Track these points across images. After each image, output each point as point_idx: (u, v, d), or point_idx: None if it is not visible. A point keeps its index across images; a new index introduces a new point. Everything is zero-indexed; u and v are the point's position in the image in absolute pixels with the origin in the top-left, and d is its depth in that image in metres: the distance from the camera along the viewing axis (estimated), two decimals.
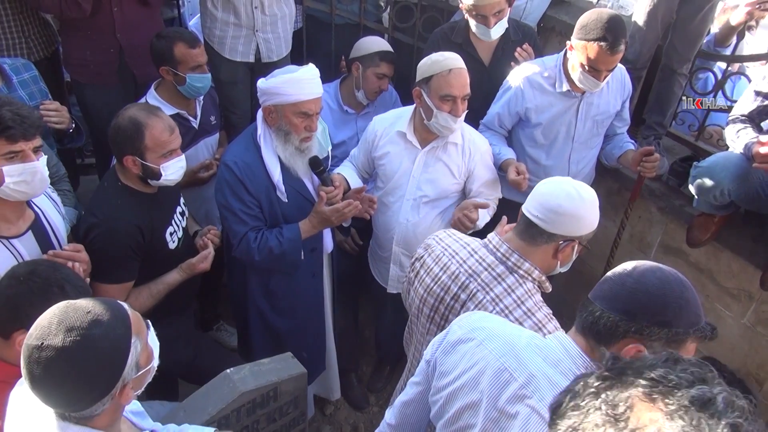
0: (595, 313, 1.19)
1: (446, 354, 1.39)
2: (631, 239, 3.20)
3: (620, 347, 1.18)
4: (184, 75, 2.61)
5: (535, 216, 1.63)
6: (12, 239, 1.83)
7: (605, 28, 2.35)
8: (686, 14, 2.90)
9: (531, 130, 2.77)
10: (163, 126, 2.10)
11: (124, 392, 1.21)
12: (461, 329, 1.40)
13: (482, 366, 1.29)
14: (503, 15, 2.77)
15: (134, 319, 1.24)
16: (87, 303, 1.20)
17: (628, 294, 1.17)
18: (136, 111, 2.09)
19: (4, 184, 1.74)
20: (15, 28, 2.83)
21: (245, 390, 2.01)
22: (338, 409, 3.28)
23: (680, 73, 3.03)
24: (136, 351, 1.20)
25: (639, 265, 1.22)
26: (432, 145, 2.45)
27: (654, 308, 1.15)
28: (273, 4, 3.01)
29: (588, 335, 1.22)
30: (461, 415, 1.32)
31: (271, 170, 2.28)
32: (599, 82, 2.50)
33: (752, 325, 2.84)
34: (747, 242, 2.78)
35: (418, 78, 2.34)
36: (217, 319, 3.53)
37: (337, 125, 3.07)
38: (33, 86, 2.55)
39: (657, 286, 1.16)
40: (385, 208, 2.59)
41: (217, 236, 2.47)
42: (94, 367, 1.14)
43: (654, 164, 2.61)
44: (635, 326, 1.15)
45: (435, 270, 1.80)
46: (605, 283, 1.22)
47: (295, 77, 2.19)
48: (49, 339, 1.12)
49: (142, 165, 2.09)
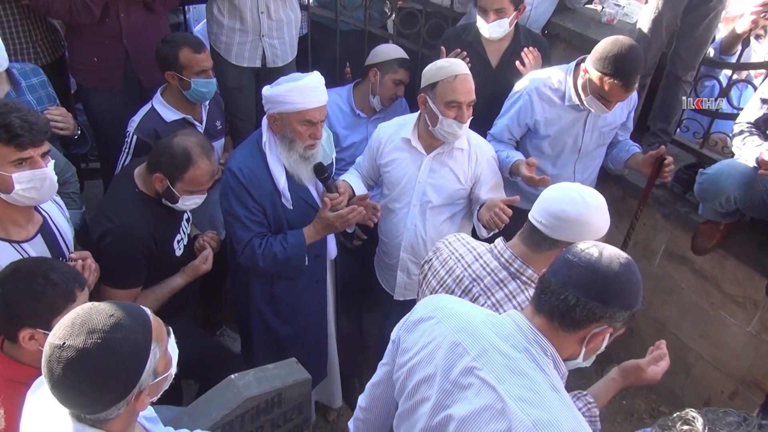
0: (570, 301, 1.24)
1: (408, 332, 1.46)
2: (636, 246, 3.20)
3: (589, 330, 1.26)
4: (189, 80, 2.62)
5: (539, 222, 1.63)
6: (23, 243, 1.85)
7: (623, 67, 2.33)
8: (691, 22, 2.91)
9: (539, 142, 2.77)
10: (208, 170, 2.18)
11: (140, 398, 1.21)
12: (424, 309, 1.46)
13: (439, 341, 1.36)
14: (504, 15, 2.78)
15: (155, 325, 1.24)
16: (110, 306, 1.20)
17: (604, 283, 1.23)
18: (194, 144, 2.16)
19: (15, 190, 1.76)
20: (23, 33, 2.85)
21: (249, 395, 2.01)
22: (341, 416, 3.27)
23: (685, 81, 3.04)
24: (155, 357, 1.21)
25: (602, 250, 1.28)
26: (437, 150, 2.45)
27: (624, 294, 1.24)
28: (279, 9, 3.03)
29: (554, 318, 1.27)
30: (418, 388, 1.37)
31: (276, 177, 2.29)
32: (608, 110, 2.52)
33: (757, 333, 2.83)
34: (752, 250, 2.78)
35: (423, 84, 2.34)
36: (220, 325, 3.53)
37: (348, 128, 3.09)
38: (41, 91, 2.57)
39: (625, 273, 1.24)
40: (391, 214, 2.58)
41: (215, 240, 2.50)
42: (112, 371, 1.15)
43: (672, 168, 2.61)
44: (609, 311, 1.23)
45: (441, 273, 1.81)
46: (573, 269, 1.26)
47: (299, 85, 2.19)
48: (71, 339, 1.14)
49: (167, 188, 2.16)
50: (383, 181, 2.61)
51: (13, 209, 1.81)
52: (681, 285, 3.07)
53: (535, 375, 1.24)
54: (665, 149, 2.62)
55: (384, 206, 2.59)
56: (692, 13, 2.89)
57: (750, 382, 2.89)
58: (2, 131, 1.69)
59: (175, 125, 2.70)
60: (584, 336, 1.27)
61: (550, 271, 1.31)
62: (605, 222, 1.65)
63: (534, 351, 1.27)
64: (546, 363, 1.26)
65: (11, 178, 1.74)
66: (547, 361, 1.27)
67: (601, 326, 1.25)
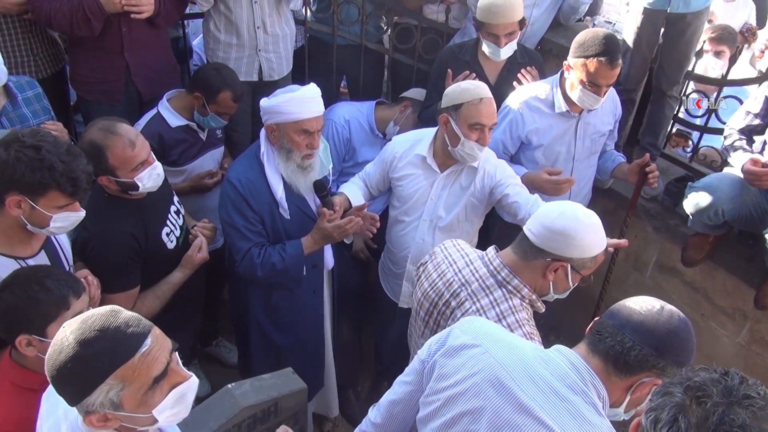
0: (626, 343, 1.24)
1: (448, 357, 1.40)
2: (627, 258, 3.24)
3: (638, 378, 1.26)
4: (210, 112, 2.70)
5: (529, 230, 1.68)
6: (27, 259, 1.87)
7: (603, 43, 2.42)
8: (671, 37, 2.98)
9: (532, 153, 2.81)
10: (123, 143, 2.05)
11: (92, 417, 1.19)
12: (465, 334, 1.42)
13: (487, 374, 1.31)
14: (514, 37, 2.83)
15: (134, 365, 1.17)
16: (109, 322, 1.18)
17: (663, 333, 1.24)
18: (95, 133, 2.07)
19: (48, 228, 1.80)
20: (24, 46, 2.88)
21: (246, 405, 2.02)
22: (336, 426, 3.27)
23: (670, 96, 3.10)
24: (108, 391, 1.17)
25: (663, 305, 1.29)
26: (451, 169, 2.47)
27: (679, 350, 1.26)
28: (275, 24, 3.08)
29: (609, 361, 1.27)
30: (460, 419, 1.34)
31: (274, 187, 2.32)
32: (600, 98, 2.53)
33: (747, 343, 2.87)
34: (741, 261, 2.83)
35: (446, 104, 2.35)
36: (216, 335, 3.54)
37: (365, 144, 3.13)
38: (36, 104, 2.59)
39: (683, 330, 1.26)
40: (401, 225, 2.61)
41: (207, 228, 2.47)
42: (64, 376, 1.17)
43: (656, 174, 2.66)
44: (662, 362, 1.25)
45: (433, 276, 1.86)
46: (633, 315, 1.27)
47: (296, 96, 2.24)
48: (67, 326, 1.20)
49: (116, 182, 2.10)
50: (394, 193, 2.63)
51: (22, 229, 1.82)
52: (672, 296, 3.11)
53: (595, 419, 1.23)
54: (649, 157, 2.67)
55: (394, 217, 2.62)
56: (671, 28, 2.95)
57: None
58: (68, 184, 1.73)
59: (179, 131, 2.75)
60: (632, 384, 1.28)
61: (608, 315, 1.31)
62: (596, 243, 1.65)
63: (591, 393, 1.26)
64: (600, 407, 1.26)
65: (51, 218, 1.77)
66: (600, 404, 1.26)
67: (650, 377, 1.26)
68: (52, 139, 1.76)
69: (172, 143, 2.73)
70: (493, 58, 2.88)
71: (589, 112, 2.72)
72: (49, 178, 1.70)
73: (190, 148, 2.82)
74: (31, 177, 1.69)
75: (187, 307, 2.43)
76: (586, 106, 2.61)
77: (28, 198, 1.72)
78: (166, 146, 2.71)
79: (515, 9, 2.76)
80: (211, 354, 3.52)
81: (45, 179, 1.70)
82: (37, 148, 1.70)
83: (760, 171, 2.34)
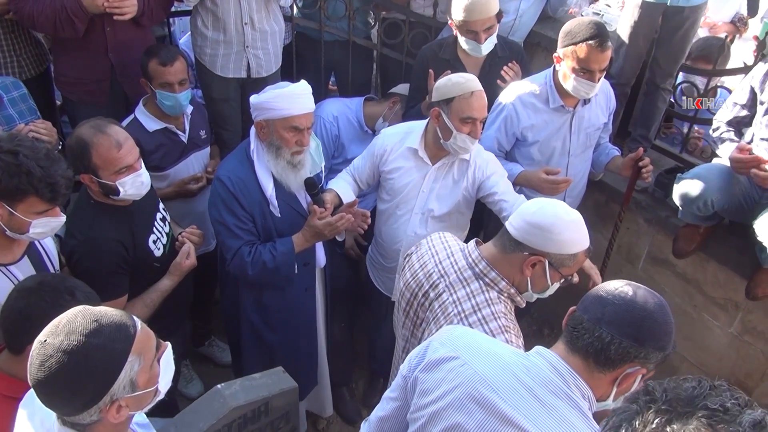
0: (605, 338, 1.21)
1: (428, 372, 1.37)
2: (619, 250, 3.24)
3: (622, 370, 1.24)
4: (155, 90, 2.64)
5: (510, 224, 1.68)
6: (9, 266, 1.84)
7: (590, 28, 2.42)
8: (667, 31, 2.96)
9: (527, 149, 2.80)
10: (110, 143, 2.02)
11: (114, 409, 1.20)
12: (443, 347, 1.38)
13: (467, 388, 1.29)
14: (493, 31, 2.81)
15: (141, 338, 1.23)
16: (99, 312, 1.21)
17: (639, 321, 1.21)
18: (85, 129, 2.05)
19: (28, 234, 1.78)
20: (6, 47, 2.85)
21: (236, 405, 2.01)
22: (331, 424, 3.27)
23: (664, 88, 3.10)
24: (132, 369, 1.20)
25: (636, 289, 1.26)
26: (443, 161, 2.47)
27: (659, 335, 1.23)
28: (263, 20, 3.05)
29: (589, 357, 1.24)
30: None
31: (264, 185, 2.30)
32: (594, 83, 2.50)
33: (739, 334, 2.88)
34: (732, 252, 2.83)
35: (437, 98, 2.35)
36: (209, 335, 3.53)
37: (354, 141, 3.12)
38: (22, 104, 2.56)
39: (659, 314, 1.23)
40: (392, 219, 2.60)
41: (195, 234, 2.45)
42: (82, 375, 1.15)
43: (650, 169, 2.66)
44: (643, 351, 1.21)
45: (416, 267, 1.86)
46: (607, 306, 1.23)
47: (286, 92, 2.22)
48: (51, 337, 1.16)
49: (98, 182, 2.07)
50: (384, 187, 2.62)
51: (2, 235, 1.79)
52: (664, 288, 3.11)
53: (579, 423, 1.21)
54: (643, 151, 2.67)
55: (384, 211, 2.61)
56: (668, 22, 2.94)
57: (733, 382, 2.90)
58: (47, 190, 1.71)
59: (157, 135, 2.72)
60: (617, 376, 1.26)
61: (582, 308, 1.28)
62: (575, 240, 1.63)
63: (575, 396, 1.24)
64: (586, 408, 1.24)
65: (30, 223, 1.75)
66: (585, 404, 1.25)
67: (634, 367, 1.24)
68: (29, 144, 1.73)
69: (150, 148, 2.69)
70: (475, 54, 2.85)
71: (583, 105, 2.71)
72: (27, 183, 1.68)
73: (171, 151, 2.79)
74: (8, 183, 1.67)
75: (176, 313, 2.41)
76: (582, 95, 2.58)
77: (6, 204, 1.70)
78: (145, 152, 2.64)
79: (491, 2, 2.73)
80: (205, 354, 3.51)
81: (23, 185, 1.68)
82: (14, 153, 1.67)
83: (746, 158, 2.35)
